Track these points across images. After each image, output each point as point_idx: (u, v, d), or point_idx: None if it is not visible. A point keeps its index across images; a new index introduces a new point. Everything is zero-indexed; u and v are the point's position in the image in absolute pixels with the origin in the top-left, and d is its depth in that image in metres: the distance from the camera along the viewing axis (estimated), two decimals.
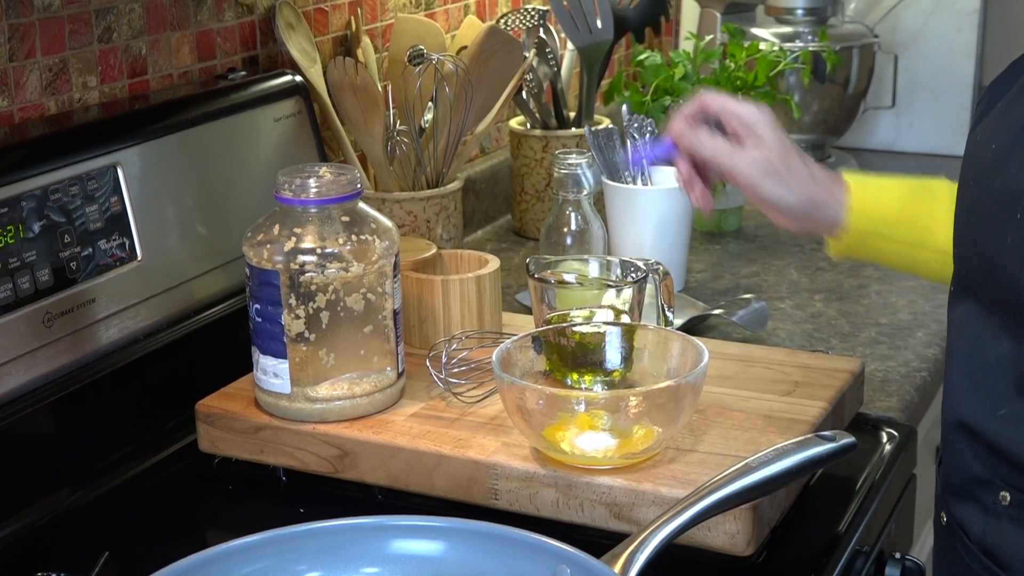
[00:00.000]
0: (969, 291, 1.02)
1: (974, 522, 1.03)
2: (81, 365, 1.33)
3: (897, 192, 1.18)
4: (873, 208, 1.17)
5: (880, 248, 1.19)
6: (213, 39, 1.60)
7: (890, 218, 1.17)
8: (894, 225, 1.17)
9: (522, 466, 1.19)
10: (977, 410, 1.00)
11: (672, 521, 0.98)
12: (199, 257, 1.47)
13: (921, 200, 1.17)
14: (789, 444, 1.06)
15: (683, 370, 1.22)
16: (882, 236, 1.18)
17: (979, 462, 1.01)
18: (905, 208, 1.17)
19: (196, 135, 1.47)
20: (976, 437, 1.01)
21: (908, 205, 1.17)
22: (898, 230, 1.17)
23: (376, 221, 1.28)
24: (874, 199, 1.18)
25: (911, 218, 1.17)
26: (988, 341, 0.99)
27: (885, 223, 1.17)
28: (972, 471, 1.02)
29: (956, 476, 1.05)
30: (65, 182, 1.30)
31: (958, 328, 1.04)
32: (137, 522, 1.26)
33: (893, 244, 1.18)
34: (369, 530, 1.01)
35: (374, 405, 1.28)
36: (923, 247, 1.17)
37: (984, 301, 1.00)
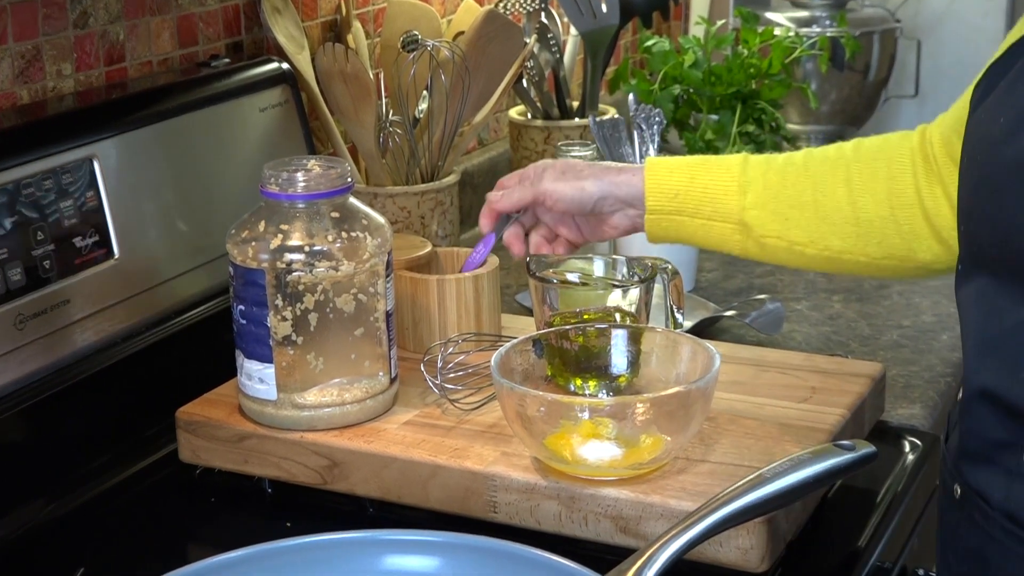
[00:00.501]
0: (980, 267, 1.05)
1: (996, 488, 1.04)
2: (55, 369, 1.33)
3: (687, 168, 1.28)
4: (665, 186, 1.28)
5: (680, 224, 1.28)
6: (195, 24, 1.60)
7: (680, 192, 1.27)
8: (684, 199, 1.27)
9: (522, 477, 1.19)
10: (998, 375, 1.03)
11: (681, 535, 0.98)
12: (180, 255, 1.47)
13: (708, 172, 1.27)
14: (805, 454, 1.06)
15: (693, 375, 1.22)
16: (679, 212, 1.28)
17: (1001, 426, 1.03)
18: (692, 181, 1.27)
19: (177, 126, 1.47)
20: (997, 402, 1.04)
21: (696, 178, 1.27)
22: (689, 203, 1.27)
23: (368, 217, 1.28)
24: (665, 177, 1.28)
25: (699, 190, 1.27)
26: (1006, 310, 1.02)
27: (676, 198, 1.27)
28: (994, 436, 1.04)
29: (975, 442, 1.07)
30: (38, 176, 1.31)
31: (970, 305, 1.07)
32: (114, 536, 1.26)
33: (690, 219, 1.28)
34: (360, 545, 1.01)
35: (365, 412, 1.29)
36: (715, 217, 1.26)
37: (998, 273, 1.03)
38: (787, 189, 1.25)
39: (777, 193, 1.25)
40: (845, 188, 1.24)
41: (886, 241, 1.24)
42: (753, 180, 1.26)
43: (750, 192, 1.25)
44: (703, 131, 2.02)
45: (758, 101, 2.03)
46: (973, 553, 1.07)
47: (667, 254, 1.56)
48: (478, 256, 1.45)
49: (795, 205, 1.25)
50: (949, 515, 1.12)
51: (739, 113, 2.02)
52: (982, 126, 1.06)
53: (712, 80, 2.06)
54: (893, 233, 1.23)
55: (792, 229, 1.25)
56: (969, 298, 1.08)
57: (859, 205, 1.24)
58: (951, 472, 1.10)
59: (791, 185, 1.25)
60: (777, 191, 1.25)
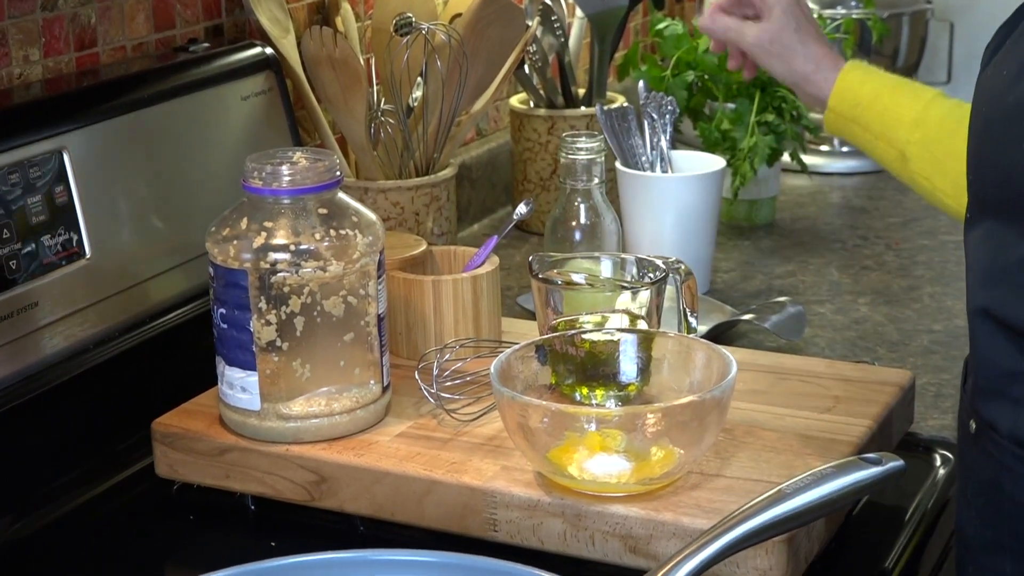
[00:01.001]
0: (985, 210, 1.13)
1: (1004, 418, 1.12)
2: (22, 377, 1.33)
3: (879, 84, 1.49)
4: (851, 94, 1.49)
5: (853, 132, 1.50)
6: (172, 6, 1.60)
7: (862, 103, 1.48)
8: (865, 111, 1.48)
9: (524, 493, 1.19)
10: (1004, 301, 1.11)
11: (695, 556, 0.99)
12: (156, 255, 1.48)
13: (895, 96, 1.47)
14: (829, 468, 1.07)
15: (708, 384, 1.23)
16: (855, 121, 1.49)
17: (1009, 357, 1.12)
18: (876, 99, 1.47)
19: (153, 116, 1.48)
20: (1003, 328, 1.11)
21: (880, 97, 1.47)
22: (866, 116, 1.47)
23: (358, 214, 1.29)
24: (857, 85, 1.49)
25: (880, 110, 1.46)
26: (1009, 247, 1.10)
27: (857, 107, 1.48)
28: (1003, 366, 1.12)
29: (985, 376, 1.14)
30: (3, 169, 1.31)
31: (975, 247, 1.16)
32: (85, 557, 1.26)
33: (862, 130, 1.49)
34: (350, 566, 1.01)
35: (356, 423, 1.29)
36: (881, 138, 1.46)
37: (1001, 215, 1.11)
38: (954, 138, 1.34)
39: (943, 139, 1.41)
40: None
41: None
42: (929, 119, 1.42)
43: (919, 129, 1.42)
44: (719, 120, 2.02)
45: (778, 88, 2.03)
46: (988, 484, 1.14)
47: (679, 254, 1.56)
48: (479, 257, 1.45)
49: (953, 155, 1.34)
50: (965, 451, 1.19)
51: (757, 101, 2.02)
52: (988, 80, 1.15)
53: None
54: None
55: (941, 176, 1.41)
56: (975, 241, 1.15)
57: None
58: (967, 410, 1.17)
59: (961, 136, 1.30)
60: (944, 137, 1.41)
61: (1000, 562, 1.15)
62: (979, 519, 1.17)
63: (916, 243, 2.01)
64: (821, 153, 2.39)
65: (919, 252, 1.98)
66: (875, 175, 2.35)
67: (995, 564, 1.15)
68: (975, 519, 1.17)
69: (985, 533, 1.16)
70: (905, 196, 2.23)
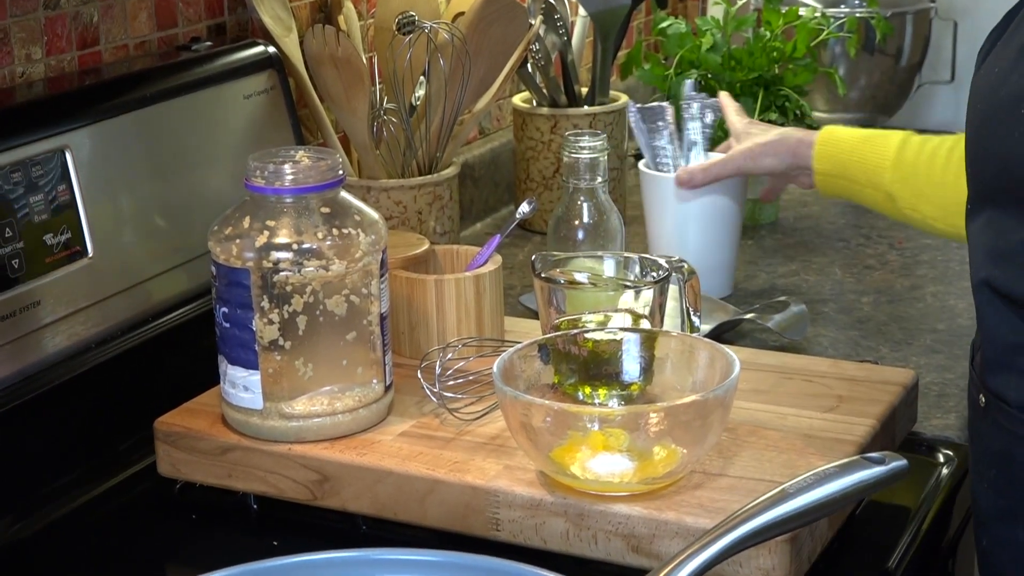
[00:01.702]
0: (984, 200, 1.20)
1: (1012, 388, 1.18)
2: (23, 377, 1.33)
3: (854, 139, 1.61)
4: (832, 152, 1.61)
5: (842, 187, 1.61)
6: (174, 4, 1.60)
7: (844, 161, 1.60)
8: (848, 166, 1.59)
9: (527, 492, 1.19)
10: (1008, 278, 1.17)
11: (698, 555, 0.99)
12: (158, 254, 1.48)
13: (870, 146, 1.58)
14: (832, 468, 1.07)
15: (711, 383, 1.23)
16: (842, 176, 1.60)
17: (1013, 330, 1.18)
18: (855, 152, 1.59)
19: (155, 114, 1.48)
20: (1008, 302, 1.17)
21: (857, 149, 1.59)
22: (851, 171, 1.59)
23: (360, 213, 1.29)
24: (835, 145, 1.61)
25: (860, 160, 1.58)
26: (1009, 232, 1.16)
27: (841, 165, 1.60)
28: (1008, 339, 1.18)
29: (992, 350, 1.20)
30: (6, 168, 1.31)
31: (977, 235, 1.21)
32: (87, 557, 1.27)
33: (849, 183, 1.60)
34: (352, 565, 1.01)
35: (358, 423, 1.29)
36: (868, 186, 1.57)
37: (1000, 203, 1.17)
38: (930, 169, 1.51)
39: (921, 172, 1.52)
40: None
41: None
42: (905, 158, 1.53)
43: (898, 169, 1.53)
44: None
45: (782, 87, 2.04)
46: (1000, 455, 1.19)
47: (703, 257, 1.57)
48: (481, 256, 1.45)
49: (932, 183, 1.51)
50: (977, 424, 1.24)
51: (761, 100, 2.02)
52: (982, 79, 1.21)
53: (732, 65, 2.06)
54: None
55: (926, 204, 1.52)
56: (977, 229, 1.21)
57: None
58: (976, 385, 1.23)
59: (938, 168, 1.50)
60: (921, 170, 1.52)
61: (1014, 530, 1.19)
62: (992, 490, 1.21)
63: (919, 242, 2.01)
64: None
65: (922, 251, 1.98)
66: None
67: (1009, 533, 1.20)
68: (988, 491, 1.22)
69: (998, 503, 1.20)
70: None
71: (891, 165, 1.55)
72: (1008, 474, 1.20)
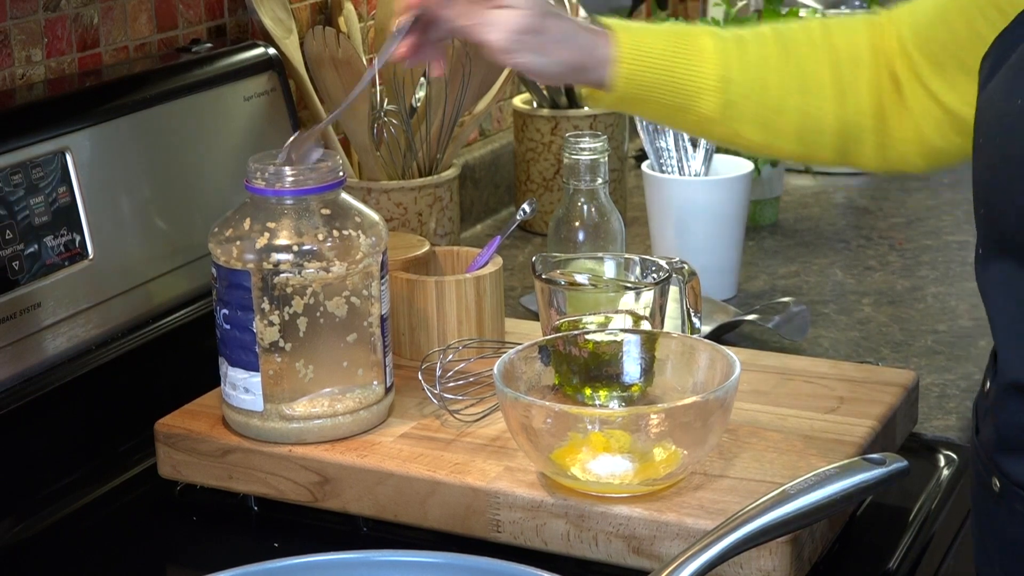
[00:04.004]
0: (1005, 251, 1.08)
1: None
2: (24, 379, 1.33)
3: (665, 55, 1.28)
4: (641, 74, 1.27)
5: (642, 110, 1.33)
6: (174, 6, 1.60)
7: (656, 84, 1.27)
8: (660, 90, 1.27)
9: (528, 494, 1.19)
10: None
11: (699, 556, 0.99)
12: (159, 256, 1.48)
13: (687, 64, 1.27)
14: (832, 469, 1.07)
15: (711, 384, 1.23)
16: (647, 100, 1.28)
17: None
18: (670, 71, 1.27)
19: (155, 116, 1.48)
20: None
21: (673, 69, 1.27)
22: (664, 95, 1.27)
23: (361, 214, 1.29)
24: (642, 64, 1.27)
25: (677, 86, 1.27)
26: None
27: (652, 88, 1.27)
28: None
29: (1013, 434, 1.10)
30: (6, 170, 1.31)
31: (996, 290, 1.11)
32: (88, 558, 1.27)
33: (657, 107, 1.29)
34: (353, 567, 1.01)
35: (359, 424, 1.29)
36: (685, 111, 1.28)
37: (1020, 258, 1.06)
38: (769, 91, 1.27)
39: (756, 95, 1.27)
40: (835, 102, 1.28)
41: (855, 150, 1.30)
42: (732, 79, 1.27)
43: (727, 91, 1.27)
44: None
45: None
46: (1018, 544, 1.11)
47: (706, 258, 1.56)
48: (482, 258, 1.45)
49: (774, 109, 1.28)
50: (987, 508, 1.15)
51: None
52: (996, 105, 1.09)
53: None
54: (871, 143, 1.29)
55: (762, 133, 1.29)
56: (994, 284, 1.11)
57: (846, 117, 1.28)
58: (986, 465, 1.13)
59: (774, 87, 1.28)
60: (756, 93, 1.27)
61: None
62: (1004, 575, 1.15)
63: (920, 243, 2.01)
64: None
65: (923, 252, 1.98)
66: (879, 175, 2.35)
67: None
68: (999, 574, 1.15)
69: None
70: (909, 196, 2.23)
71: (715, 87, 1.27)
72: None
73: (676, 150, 1.80)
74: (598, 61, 1.26)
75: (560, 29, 1.25)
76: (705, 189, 1.78)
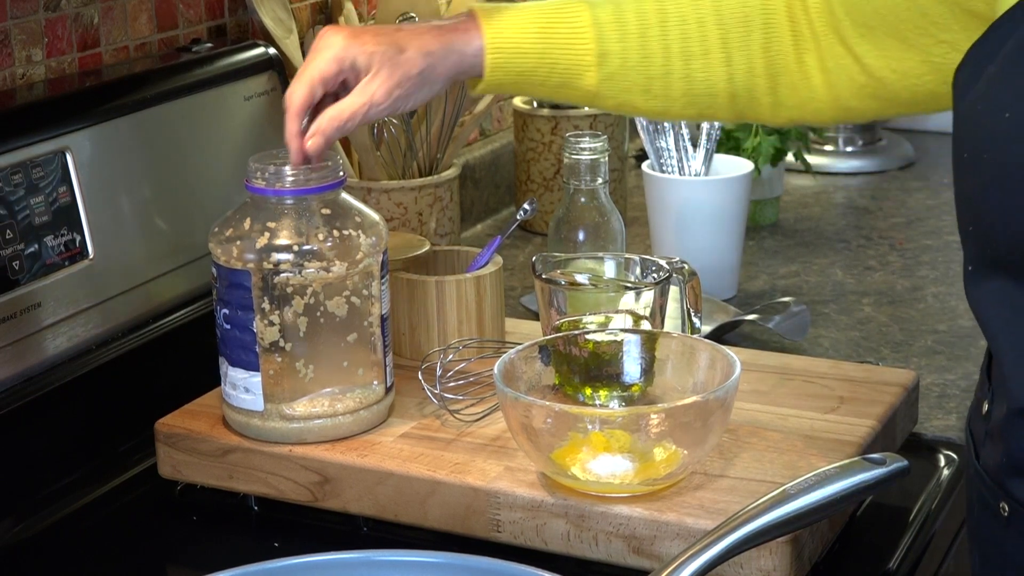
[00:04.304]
0: (997, 269, 1.05)
1: None
2: (24, 379, 1.33)
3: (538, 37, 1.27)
4: (512, 61, 1.26)
5: (525, 91, 1.31)
6: (175, 6, 1.60)
7: (530, 69, 1.27)
8: (536, 73, 1.27)
9: (528, 493, 1.19)
10: None
11: (699, 556, 0.99)
12: (159, 255, 1.48)
13: (563, 43, 1.27)
14: (832, 469, 1.07)
15: (711, 384, 1.23)
16: (524, 84, 1.29)
17: None
18: (544, 54, 1.27)
19: (156, 116, 1.48)
20: None
21: (548, 52, 1.27)
22: (540, 76, 1.27)
23: (361, 214, 1.29)
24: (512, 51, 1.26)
25: (554, 66, 1.27)
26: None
27: (527, 73, 1.27)
28: None
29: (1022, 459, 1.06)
30: (7, 170, 1.31)
31: (994, 313, 1.07)
32: (88, 558, 1.27)
33: (539, 88, 1.29)
34: (353, 567, 1.01)
35: (359, 424, 1.29)
36: (568, 87, 1.28)
37: (1020, 277, 1.03)
38: (652, 60, 1.27)
39: (638, 65, 1.27)
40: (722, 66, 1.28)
41: (751, 109, 1.30)
42: (611, 52, 1.26)
43: (607, 64, 1.26)
44: None
45: None
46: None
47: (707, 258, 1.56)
48: (482, 257, 1.45)
49: (659, 76, 1.27)
50: (993, 534, 1.11)
51: None
52: (982, 118, 1.05)
53: None
54: (766, 103, 1.29)
55: (652, 100, 1.29)
56: (990, 303, 1.07)
57: (736, 80, 1.28)
58: (992, 489, 1.10)
59: (657, 54, 1.27)
60: (638, 62, 1.27)
61: None
62: None
63: (920, 243, 2.01)
64: (825, 153, 2.40)
65: (923, 252, 1.98)
66: (879, 175, 2.35)
67: None
68: None
69: None
70: (909, 196, 2.23)
71: (595, 61, 1.26)
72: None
73: (676, 150, 1.80)
74: (473, 56, 1.26)
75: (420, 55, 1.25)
76: (705, 189, 1.78)
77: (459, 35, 1.26)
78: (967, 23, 1.16)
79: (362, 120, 1.24)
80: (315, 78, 1.23)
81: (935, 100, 1.24)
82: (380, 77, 1.23)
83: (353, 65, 1.24)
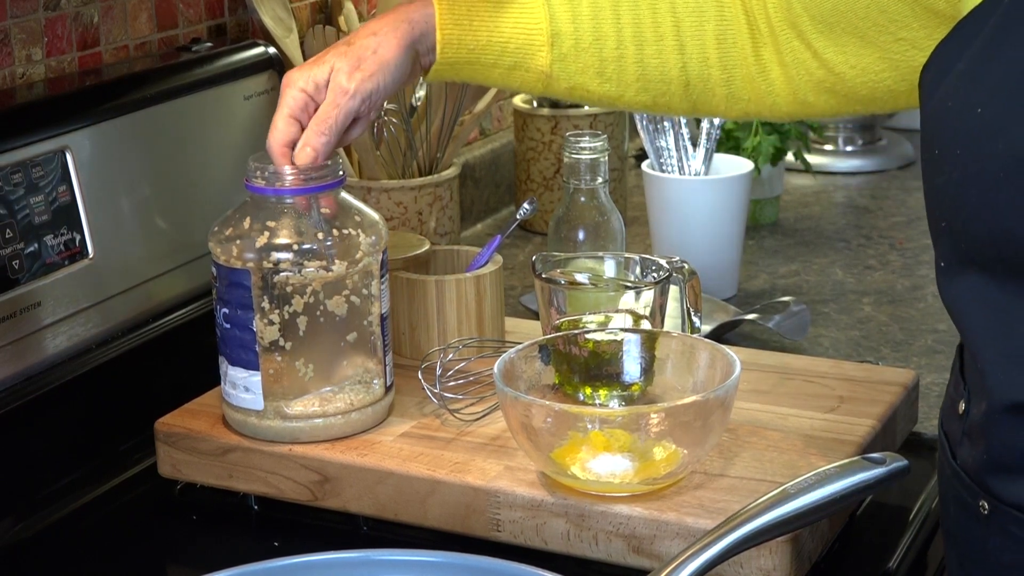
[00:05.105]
0: (971, 265, 1.04)
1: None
2: (24, 378, 1.33)
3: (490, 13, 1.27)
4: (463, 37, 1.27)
5: (475, 74, 1.29)
6: (175, 5, 1.60)
7: (481, 46, 1.27)
8: (487, 51, 1.27)
9: (528, 493, 1.19)
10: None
11: (699, 556, 0.99)
12: (159, 255, 1.48)
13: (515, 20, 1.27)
14: (832, 468, 1.07)
15: (711, 383, 1.23)
16: (475, 63, 1.28)
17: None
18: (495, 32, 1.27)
19: (156, 115, 1.48)
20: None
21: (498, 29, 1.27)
22: (491, 55, 1.27)
23: (361, 213, 1.29)
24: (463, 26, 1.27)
25: (505, 45, 1.27)
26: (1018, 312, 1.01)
27: (478, 51, 1.27)
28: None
29: (1007, 456, 1.04)
30: (6, 169, 1.31)
31: (969, 307, 1.06)
32: (88, 557, 1.27)
33: (489, 69, 1.28)
34: (353, 566, 1.01)
35: (359, 423, 1.29)
36: (519, 68, 1.28)
37: (996, 272, 1.02)
38: (605, 42, 1.27)
39: (591, 46, 1.28)
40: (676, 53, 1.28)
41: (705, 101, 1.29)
42: (563, 32, 1.27)
43: (560, 44, 1.27)
44: None
45: None
46: (1013, 569, 1.06)
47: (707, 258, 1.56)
48: (482, 257, 1.45)
49: (613, 59, 1.28)
50: (971, 534, 1.10)
51: None
52: (952, 115, 1.04)
53: None
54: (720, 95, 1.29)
55: (606, 84, 1.29)
56: (966, 301, 1.06)
57: (689, 68, 1.28)
58: (970, 488, 1.08)
59: (610, 36, 1.27)
60: (591, 44, 1.27)
61: None
62: None
63: (920, 242, 2.01)
64: (825, 152, 2.40)
65: (923, 251, 1.98)
66: (879, 174, 2.35)
67: None
68: None
69: None
70: (909, 196, 2.23)
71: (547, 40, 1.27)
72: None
73: (676, 150, 1.80)
74: (423, 23, 1.26)
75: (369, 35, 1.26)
76: (705, 189, 1.78)
77: (412, 11, 1.27)
78: (927, 21, 1.17)
79: (343, 117, 1.25)
80: (287, 114, 1.26)
81: (893, 98, 1.24)
82: (339, 70, 1.25)
83: (316, 83, 1.26)
